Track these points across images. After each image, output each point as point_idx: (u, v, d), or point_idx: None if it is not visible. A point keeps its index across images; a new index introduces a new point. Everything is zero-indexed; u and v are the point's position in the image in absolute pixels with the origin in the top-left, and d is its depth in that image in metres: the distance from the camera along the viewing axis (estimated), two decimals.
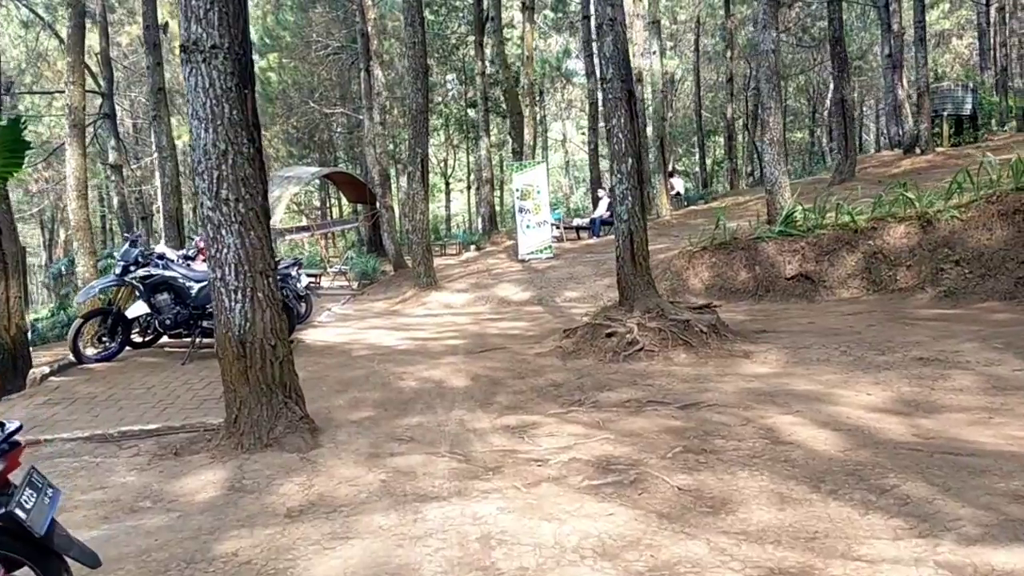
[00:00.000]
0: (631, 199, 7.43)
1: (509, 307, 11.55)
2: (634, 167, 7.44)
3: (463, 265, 17.19)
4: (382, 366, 7.46)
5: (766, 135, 11.21)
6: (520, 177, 15.00)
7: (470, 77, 29.45)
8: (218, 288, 5.03)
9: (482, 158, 24.27)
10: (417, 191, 12.97)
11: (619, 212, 7.56)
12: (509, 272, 13.85)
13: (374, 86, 17.24)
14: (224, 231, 4.97)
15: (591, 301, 11.35)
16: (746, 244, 11.01)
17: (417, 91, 12.60)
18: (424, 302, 12.37)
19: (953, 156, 19.27)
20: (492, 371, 6.95)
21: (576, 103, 38.36)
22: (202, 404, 6.34)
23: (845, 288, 10.10)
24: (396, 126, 32.01)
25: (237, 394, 5.06)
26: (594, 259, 13.60)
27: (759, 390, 5.71)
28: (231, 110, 4.96)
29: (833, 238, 10.41)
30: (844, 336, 7.32)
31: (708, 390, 5.81)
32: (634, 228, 7.46)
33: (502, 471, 4.35)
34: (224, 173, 4.95)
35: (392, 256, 17.78)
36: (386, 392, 6.44)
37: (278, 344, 5.11)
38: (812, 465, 4.08)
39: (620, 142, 7.42)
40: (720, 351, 6.96)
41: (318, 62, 28.84)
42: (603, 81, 7.50)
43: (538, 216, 14.86)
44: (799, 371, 6.24)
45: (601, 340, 7.16)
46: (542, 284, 12.31)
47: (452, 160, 41.53)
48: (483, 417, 5.52)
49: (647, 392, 5.87)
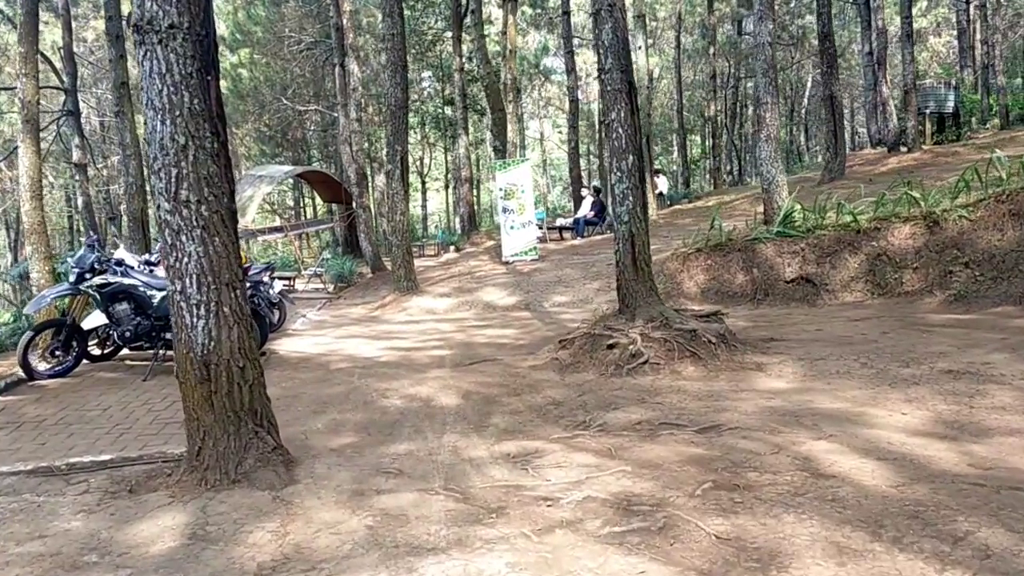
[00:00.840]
0: (632, 199, 6.89)
1: (495, 313, 10.97)
2: (635, 164, 6.90)
3: (444, 267, 16.58)
4: (363, 381, 6.85)
5: (762, 131, 10.74)
6: (503, 176, 14.42)
7: (447, 74, 28.83)
8: (177, 302, 4.41)
9: (460, 156, 23.67)
10: (396, 190, 12.35)
11: (618, 213, 7.01)
12: (493, 275, 13.27)
13: (349, 82, 16.57)
14: (184, 237, 4.35)
15: (581, 306, 10.82)
16: (743, 245, 10.53)
17: (396, 85, 11.98)
18: (405, 307, 11.75)
19: (941, 154, 19.01)
20: (484, 387, 6.38)
21: (555, 101, 37.87)
22: (163, 428, 5.71)
23: (848, 291, 9.66)
24: (372, 124, 31.33)
25: (200, 423, 4.44)
26: (582, 261, 13.07)
27: (781, 409, 5.19)
28: (191, 99, 4.34)
29: (834, 239, 9.97)
30: (860, 345, 6.84)
31: (725, 409, 5.28)
32: (635, 230, 6.93)
33: (507, 513, 3.78)
34: (184, 171, 4.33)
35: (369, 258, 17.13)
36: (369, 412, 5.85)
37: (247, 365, 4.49)
38: (865, 505, 3.55)
39: (620, 137, 6.88)
40: (731, 363, 6.45)
41: (291, 58, 28.05)
42: (601, 72, 6.95)
43: (522, 216, 14.29)
44: (819, 386, 5.74)
45: (601, 352, 6.61)
46: (529, 288, 11.74)
47: (429, 159, 40.89)
48: (479, 443, 4.95)
49: (658, 412, 5.33)
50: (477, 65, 17.04)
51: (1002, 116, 23.63)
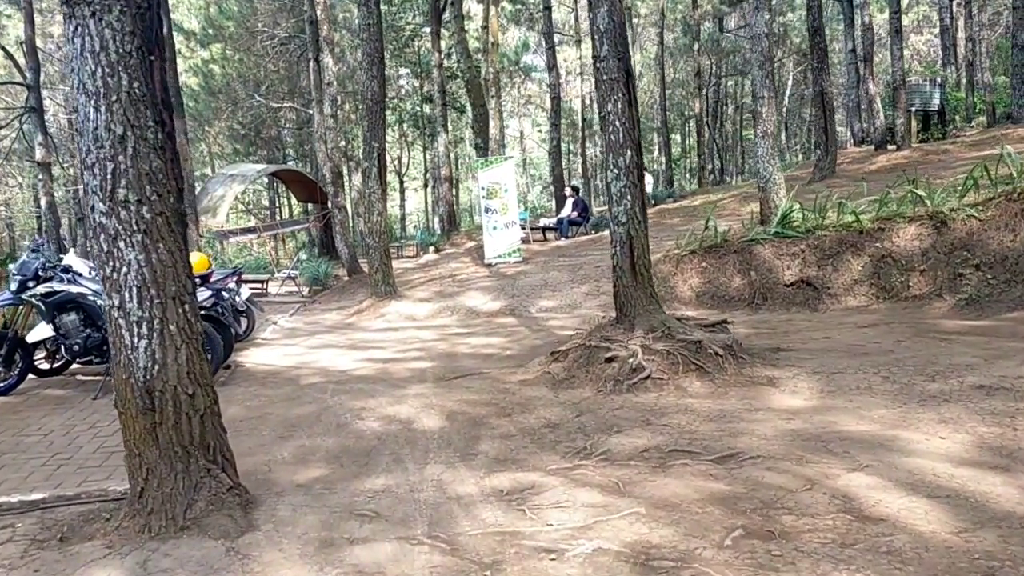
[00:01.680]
0: (630, 198, 6.33)
1: (479, 319, 10.37)
2: (634, 161, 6.34)
3: (423, 269, 15.95)
4: (336, 399, 6.23)
5: (759, 127, 10.24)
6: (485, 174, 13.80)
7: (425, 71, 28.16)
8: (115, 320, 3.77)
9: (439, 155, 23.04)
10: (373, 189, 11.71)
11: (615, 214, 6.44)
12: (476, 278, 12.67)
13: (324, 76, 15.88)
14: (122, 243, 3.72)
15: (569, 311, 10.25)
16: (739, 247, 10.02)
17: (372, 79, 11.33)
18: (382, 313, 11.11)
19: (931, 152, 18.66)
20: (470, 406, 5.78)
21: (535, 99, 37.30)
22: (108, 459, 5.06)
23: (852, 295, 9.17)
24: (348, 122, 30.60)
25: (143, 459, 3.81)
26: (568, 263, 12.50)
27: (804, 432, 4.65)
28: (131, 81, 3.71)
29: (836, 240, 9.48)
30: (876, 356, 6.33)
31: (741, 433, 4.72)
32: (634, 232, 6.36)
33: (503, 570, 3.20)
34: (122, 166, 3.70)
35: (346, 260, 16.45)
36: (342, 437, 5.23)
37: (198, 392, 3.86)
38: (929, 560, 3.00)
39: (617, 131, 6.30)
40: (739, 377, 5.90)
41: (264, 53, 27.25)
42: (596, 59, 6.37)
43: (506, 216, 13.69)
44: (841, 404, 5.20)
45: (599, 366, 6.04)
46: (514, 292, 11.15)
47: (407, 158, 40.18)
48: (467, 476, 4.35)
49: (666, 436, 4.77)
50: (458, 60, 16.41)
51: (988, 114, 23.39)
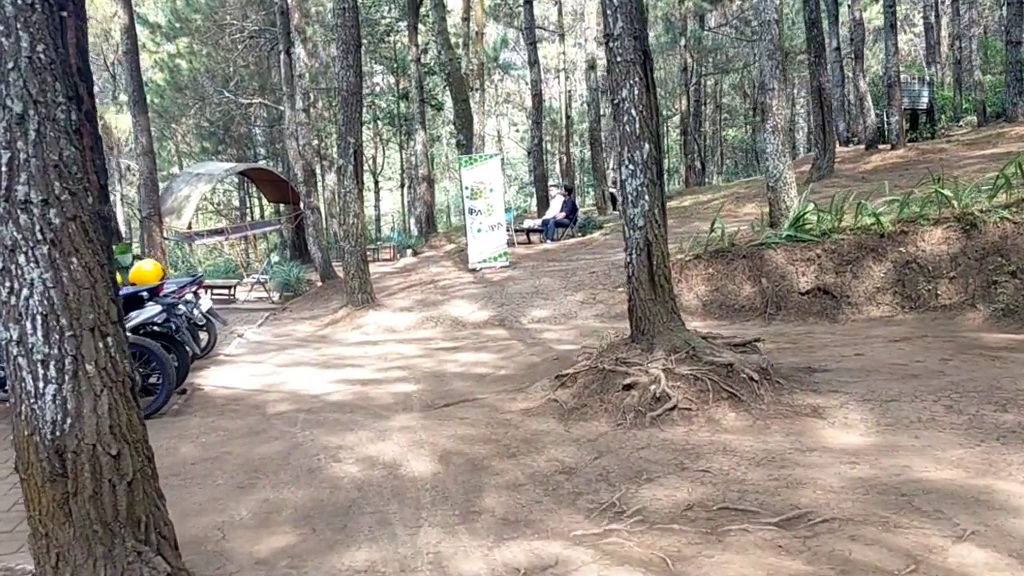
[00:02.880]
0: (648, 198, 5.49)
1: (466, 331, 9.50)
2: (652, 155, 5.51)
3: (402, 274, 15.03)
4: (308, 434, 5.33)
5: (768, 121, 9.48)
6: (469, 173, 12.93)
7: (402, 67, 27.21)
8: (14, 358, 2.86)
9: (418, 153, 22.14)
10: (349, 188, 10.79)
11: (631, 216, 5.61)
12: (460, 284, 11.78)
13: (296, 68, 14.91)
14: (23, 258, 2.82)
15: (564, 321, 9.41)
16: (748, 251, 9.25)
17: (348, 68, 10.41)
18: (359, 324, 10.19)
19: (927, 151, 18.08)
20: (467, 443, 4.92)
21: (514, 97, 36.46)
22: (22, 523, 4.12)
23: (874, 305, 8.43)
24: (322, 119, 29.54)
25: (52, 541, 2.90)
26: (559, 268, 11.66)
27: (876, 482, 3.84)
28: (34, 44, 2.81)
29: (855, 244, 8.73)
30: (926, 379, 5.55)
31: (800, 483, 3.91)
32: (652, 238, 5.53)
33: None
34: (21, 155, 2.79)
35: (319, 265, 15.48)
36: (314, 488, 4.34)
37: (125, 452, 2.96)
38: None
39: (633, 121, 5.47)
40: (779, 407, 5.09)
41: (233, 48, 26.13)
42: (609, 39, 5.53)
43: (491, 218, 12.82)
44: (906, 442, 4.41)
45: (615, 393, 5.20)
46: (502, 300, 10.29)
47: (382, 158, 39.14)
48: (471, 546, 3.49)
49: (710, 487, 3.94)
50: (438, 51, 15.52)
51: (979, 113, 22.95)
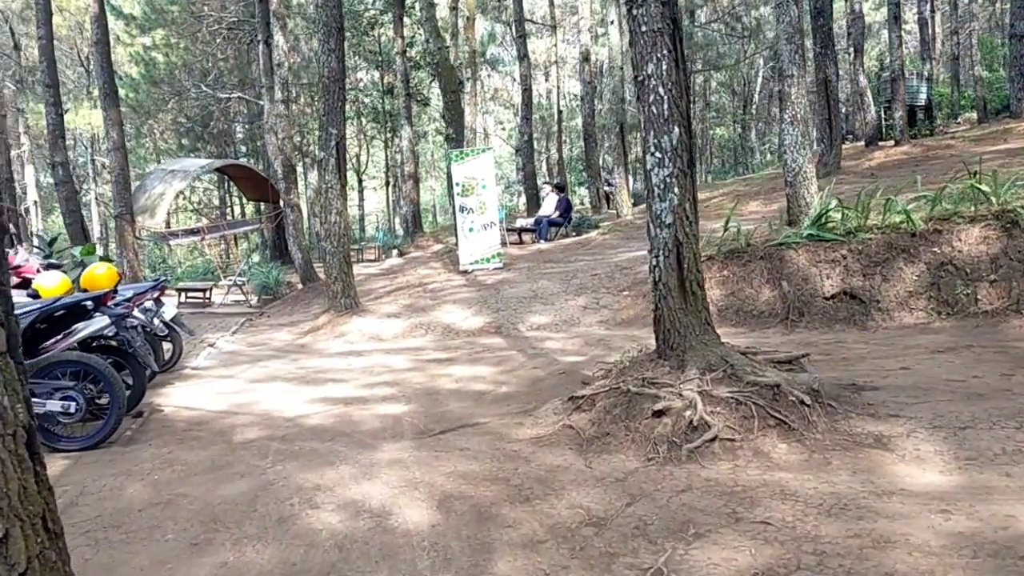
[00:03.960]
0: (679, 191, 4.72)
1: (459, 339, 8.69)
2: (682, 141, 4.74)
3: (388, 276, 14.20)
4: (280, 469, 4.51)
5: (787, 111, 8.74)
6: (460, 168, 12.12)
7: (387, 60, 26.32)
8: None
9: (404, 150, 21.32)
10: (332, 184, 9.95)
11: (657, 212, 4.83)
12: (451, 287, 10.97)
13: (275, 56, 14.03)
14: None
15: (566, 329, 8.62)
16: (766, 252, 8.51)
17: (330, 52, 9.57)
18: (342, 332, 9.35)
19: (933, 147, 17.47)
20: (470, 483, 4.12)
21: (502, 93, 35.63)
22: None
23: (907, 310, 7.70)
24: (303, 115, 28.64)
25: None
26: (558, 271, 10.87)
27: (980, 538, 3.08)
28: None
29: (883, 244, 8.01)
30: (995, 400, 4.80)
31: (888, 541, 3.14)
32: (683, 237, 4.76)
33: None
34: None
35: (299, 266, 14.60)
36: (284, 546, 3.53)
37: (14, 534, 2.13)
38: None
39: (660, 101, 4.69)
40: (835, 436, 4.33)
41: (211, 40, 25.17)
42: (632, 5, 4.74)
43: (483, 216, 12.01)
44: (997, 481, 3.66)
45: (643, 420, 4.42)
46: (498, 305, 9.48)
47: (366, 155, 38.20)
48: None
49: (777, 547, 3.17)
50: (427, 39, 14.65)
51: (979, 109, 22.39)
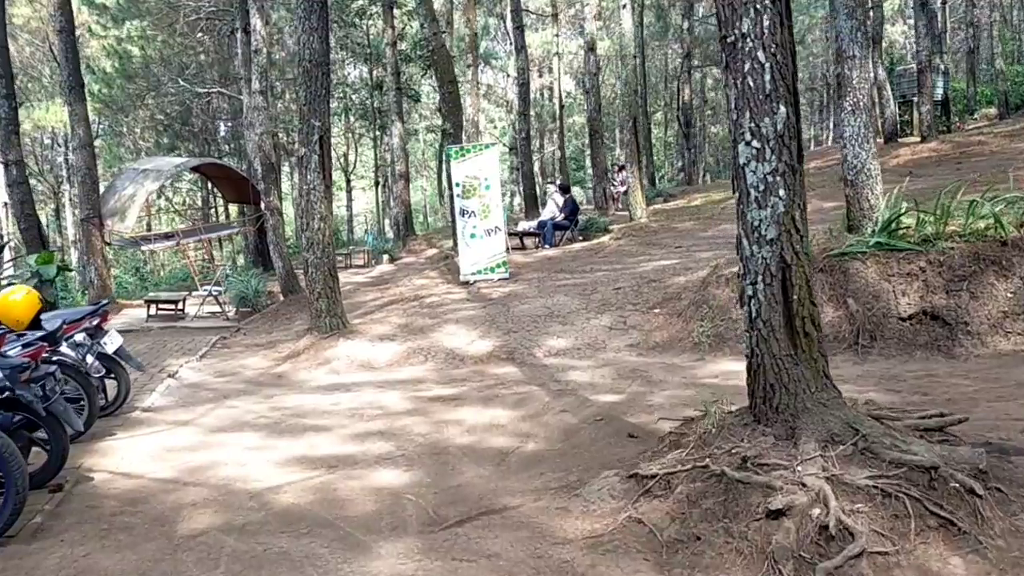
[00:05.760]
0: (785, 195, 3.43)
1: (465, 367, 7.35)
2: (790, 124, 3.45)
3: (378, 287, 12.86)
4: None
5: (847, 98, 7.48)
6: (460, 166, 10.79)
7: (376, 54, 24.95)
8: None
9: (394, 148, 19.99)
10: (314, 185, 8.62)
11: (753, 221, 3.52)
12: (452, 302, 9.62)
13: (254, 42, 12.66)
14: None
15: (592, 355, 7.31)
16: (825, 264, 7.23)
17: (312, 31, 8.24)
18: (327, 358, 7.99)
19: (963, 144, 16.27)
20: None
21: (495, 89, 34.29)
22: None
23: (1001, 334, 6.44)
24: (288, 112, 27.23)
25: None
26: (573, 283, 9.55)
27: None
28: None
29: (969, 255, 6.75)
30: None
31: None
32: (791, 259, 3.46)
33: None
34: None
35: (280, 276, 13.24)
36: None
37: None
38: None
39: (759, 70, 3.41)
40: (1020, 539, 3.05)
41: (189, 33, 23.71)
42: None
43: (487, 221, 10.69)
44: None
45: (750, 521, 3.13)
46: (508, 325, 8.16)
47: (354, 155, 36.72)
48: None
49: None
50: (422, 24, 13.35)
51: (1001, 103, 21.27)
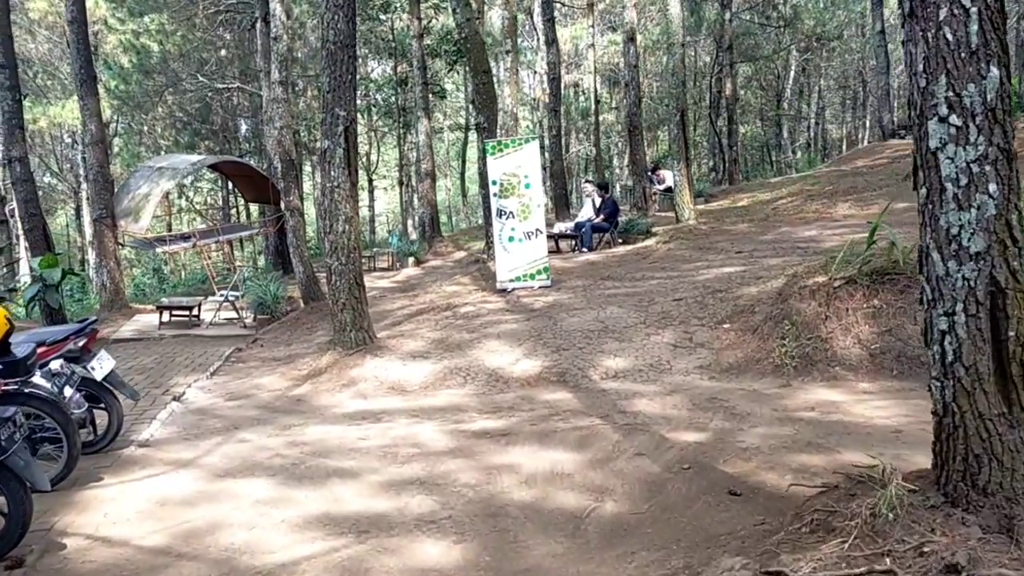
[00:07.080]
0: (996, 189, 2.45)
1: (510, 391, 6.40)
2: (1004, 91, 2.47)
3: (406, 293, 11.94)
4: None
5: None
6: (498, 163, 9.84)
7: (401, 49, 24.11)
8: None
9: (420, 145, 19.10)
10: (339, 182, 7.70)
11: (948, 227, 2.54)
12: (489, 313, 8.67)
13: (273, 29, 11.78)
14: None
15: (655, 378, 6.31)
16: None
17: (336, 9, 7.32)
18: (352, 379, 7.06)
19: None
20: None
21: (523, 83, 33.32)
22: None
23: None
24: (310, 109, 26.47)
25: None
26: (624, 291, 8.56)
27: None
28: None
29: None
30: None
31: None
32: (1003, 277, 2.47)
33: None
34: None
35: (300, 282, 12.35)
36: None
37: None
38: None
39: (964, 18, 2.43)
40: None
41: (209, 26, 23.01)
42: None
43: (527, 223, 9.71)
44: None
45: None
46: (557, 341, 7.19)
47: (376, 154, 35.90)
48: None
49: None
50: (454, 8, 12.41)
51: None
